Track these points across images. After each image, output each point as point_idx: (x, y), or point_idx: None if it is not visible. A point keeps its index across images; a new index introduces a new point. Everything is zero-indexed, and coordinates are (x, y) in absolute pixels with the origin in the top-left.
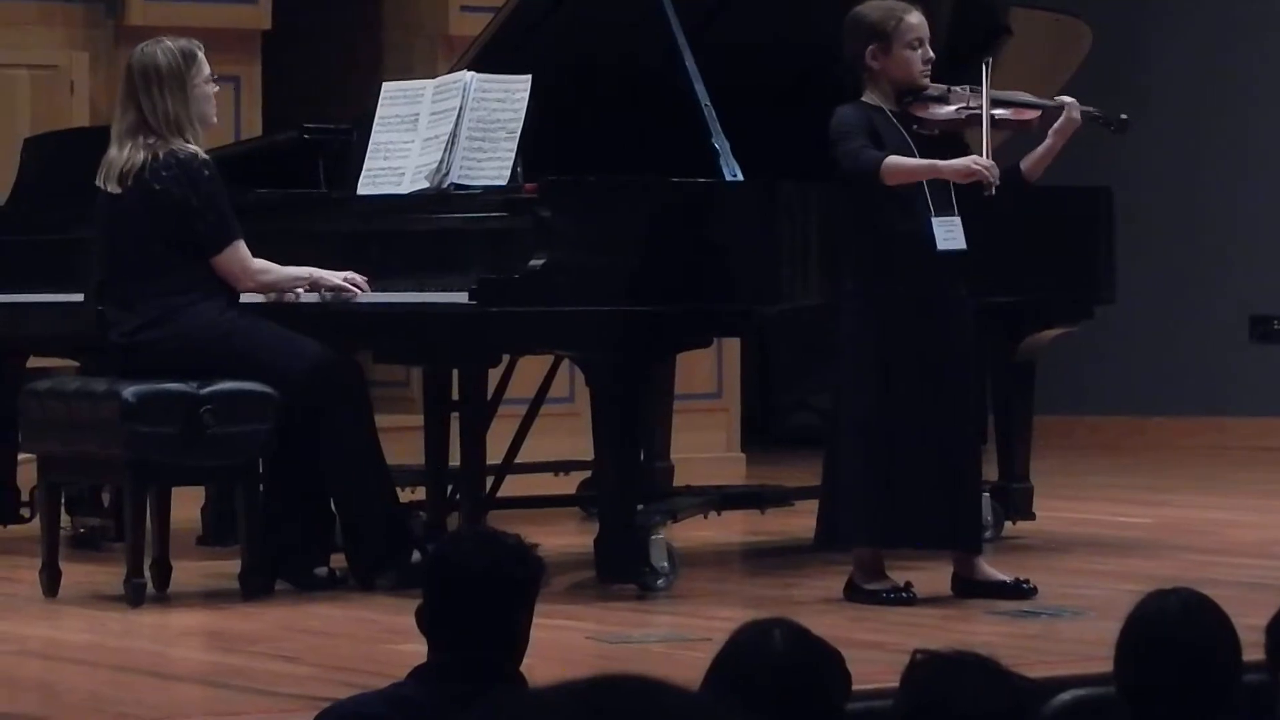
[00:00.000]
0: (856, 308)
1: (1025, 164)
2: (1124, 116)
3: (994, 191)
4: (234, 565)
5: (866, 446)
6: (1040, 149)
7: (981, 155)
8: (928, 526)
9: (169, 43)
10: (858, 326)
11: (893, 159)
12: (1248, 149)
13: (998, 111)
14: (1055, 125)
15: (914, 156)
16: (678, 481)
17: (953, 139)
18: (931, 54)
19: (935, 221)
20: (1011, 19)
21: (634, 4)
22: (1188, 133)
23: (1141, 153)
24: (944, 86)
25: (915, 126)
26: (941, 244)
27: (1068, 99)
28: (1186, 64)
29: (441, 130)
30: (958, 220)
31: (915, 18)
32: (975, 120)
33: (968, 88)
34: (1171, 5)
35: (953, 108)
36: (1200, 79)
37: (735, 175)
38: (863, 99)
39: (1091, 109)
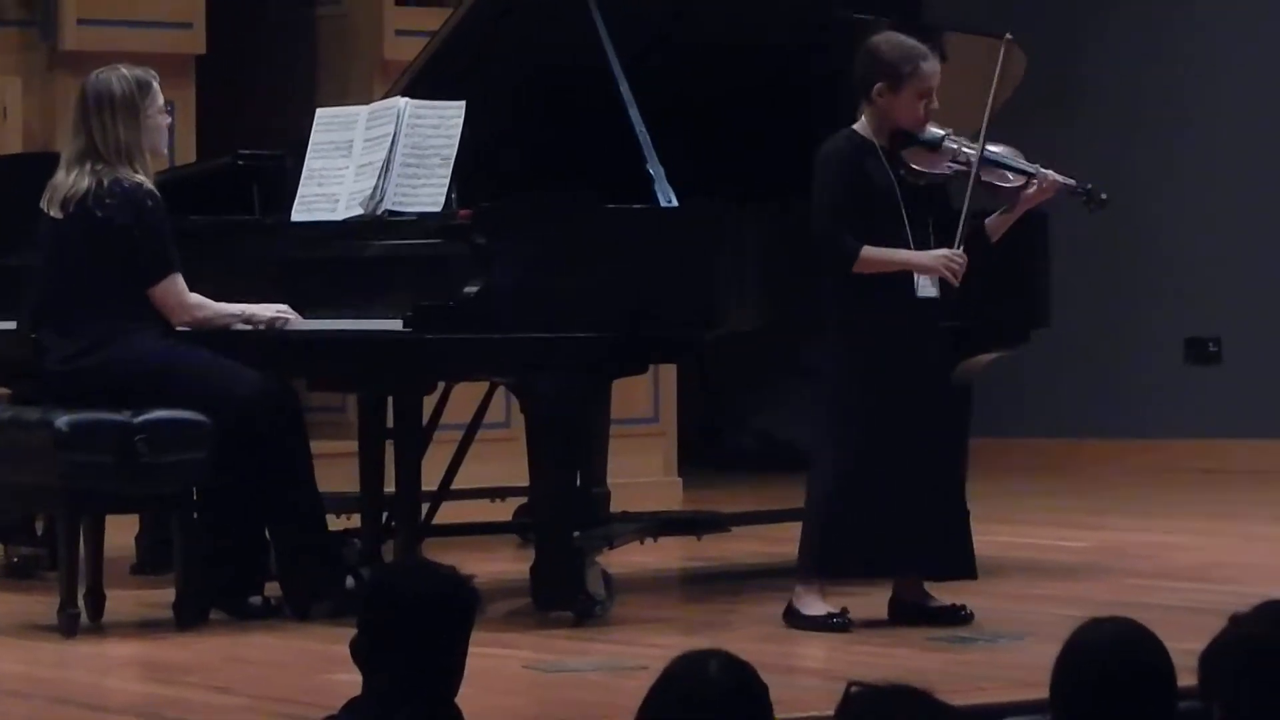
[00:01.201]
0: (839, 346)
1: (990, 223)
2: (1104, 195)
3: (957, 285)
4: (169, 594)
5: (862, 479)
6: (1005, 214)
7: (964, 207)
8: (922, 555)
9: (124, 70)
10: (842, 364)
11: (868, 253)
12: (1180, 172)
13: (987, 174)
14: (1028, 193)
15: (897, 199)
16: (615, 507)
17: (940, 193)
18: (936, 104)
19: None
20: (948, 43)
21: (569, 30)
22: (1120, 157)
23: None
24: (939, 132)
25: (903, 172)
26: (921, 290)
27: (1048, 172)
28: (1118, 87)
29: (376, 157)
30: None
31: (931, 66)
32: (963, 177)
33: (964, 139)
34: (1103, 29)
35: (944, 162)
36: (1131, 102)
37: (670, 201)
38: (855, 127)
39: (1072, 181)
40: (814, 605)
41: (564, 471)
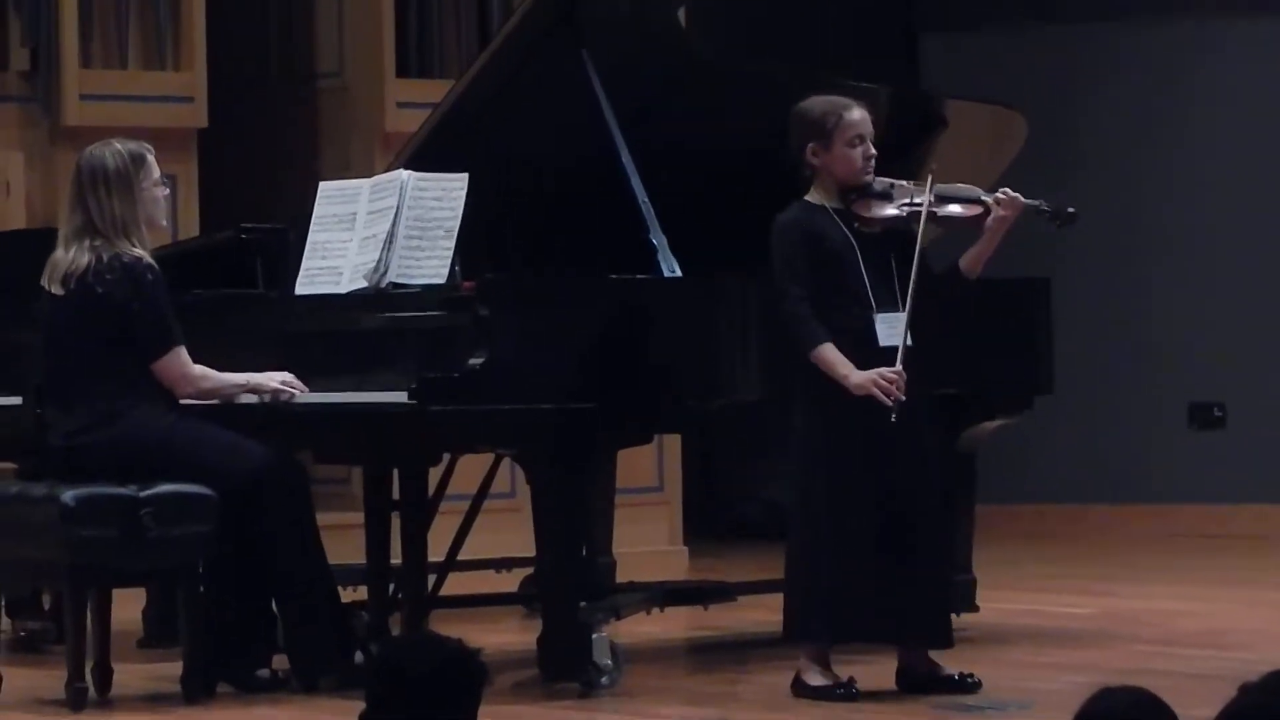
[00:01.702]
0: (805, 405)
1: (963, 262)
2: (1071, 210)
3: (894, 408)
4: (176, 667)
5: (827, 542)
6: (977, 246)
7: (916, 248)
8: (894, 621)
9: (118, 144)
10: (807, 424)
11: (822, 353)
12: (1180, 239)
13: (941, 209)
14: (991, 220)
15: (856, 255)
16: (620, 577)
17: (898, 234)
18: (873, 150)
19: (878, 318)
20: (948, 111)
21: (571, 102)
22: (1122, 223)
23: (1077, 243)
24: (888, 181)
25: (857, 225)
26: (883, 340)
27: (1008, 193)
28: (1119, 156)
29: (379, 229)
30: (901, 316)
31: (857, 114)
32: (917, 218)
33: (911, 182)
34: (1100, 96)
35: (895, 206)
36: (1132, 170)
37: (673, 271)
38: (806, 198)
39: (1037, 202)
40: (816, 675)
41: (569, 542)
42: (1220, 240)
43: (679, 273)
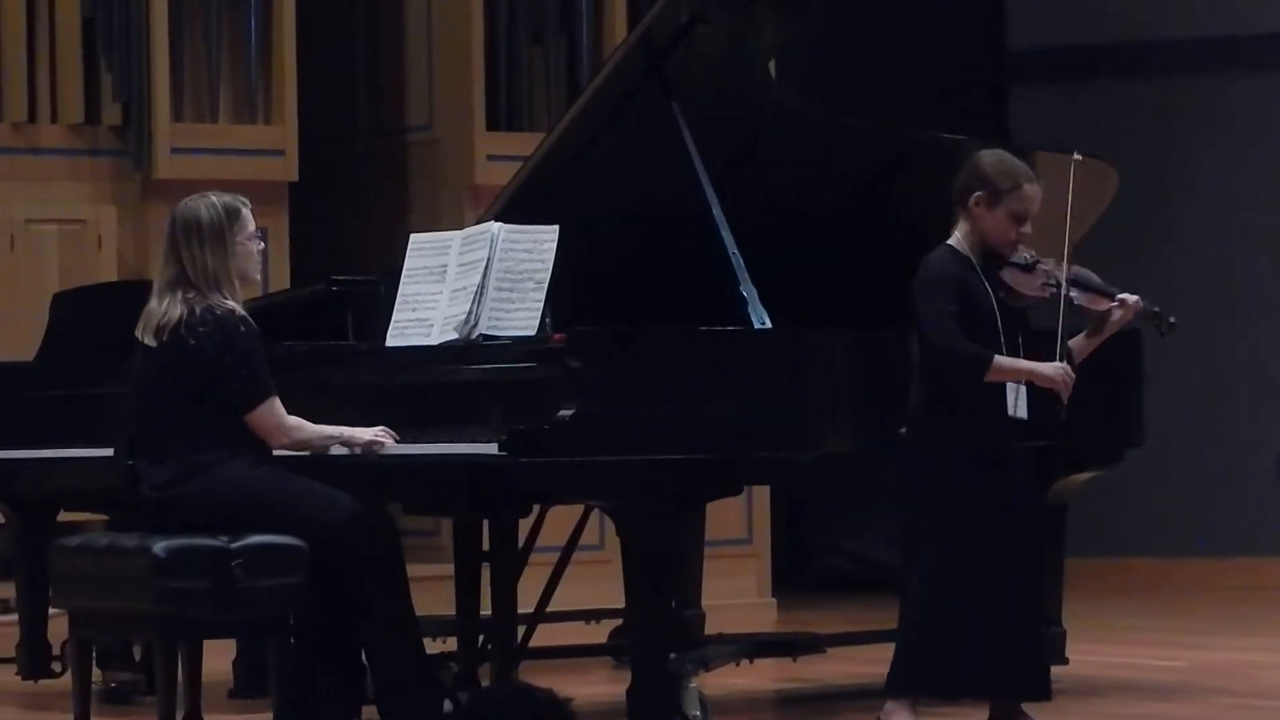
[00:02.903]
0: (932, 469)
1: (1075, 344)
2: (1173, 320)
3: (1064, 405)
4: (266, 718)
5: (943, 601)
6: (1091, 339)
7: (1059, 335)
8: (998, 676)
9: (213, 198)
10: (934, 487)
11: (1000, 361)
12: (1271, 292)
13: (1075, 295)
14: (1114, 318)
15: (996, 317)
16: (709, 628)
17: (1032, 309)
18: (1029, 230)
19: (1009, 387)
20: (1039, 163)
21: (661, 154)
22: (1213, 276)
23: (1166, 295)
24: (1031, 255)
25: (1002, 295)
26: (1012, 410)
27: (1132, 297)
28: (1207, 209)
29: (470, 281)
30: (1024, 389)
31: (1033, 190)
32: (1055, 299)
33: (1052, 261)
34: (1193, 145)
35: (1038, 284)
36: (1220, 224)
37: (763, 323)
38: (950, 242)
39: (1150, 305)
40: None
41: (659, 594)
42: None
43: (769, 324)
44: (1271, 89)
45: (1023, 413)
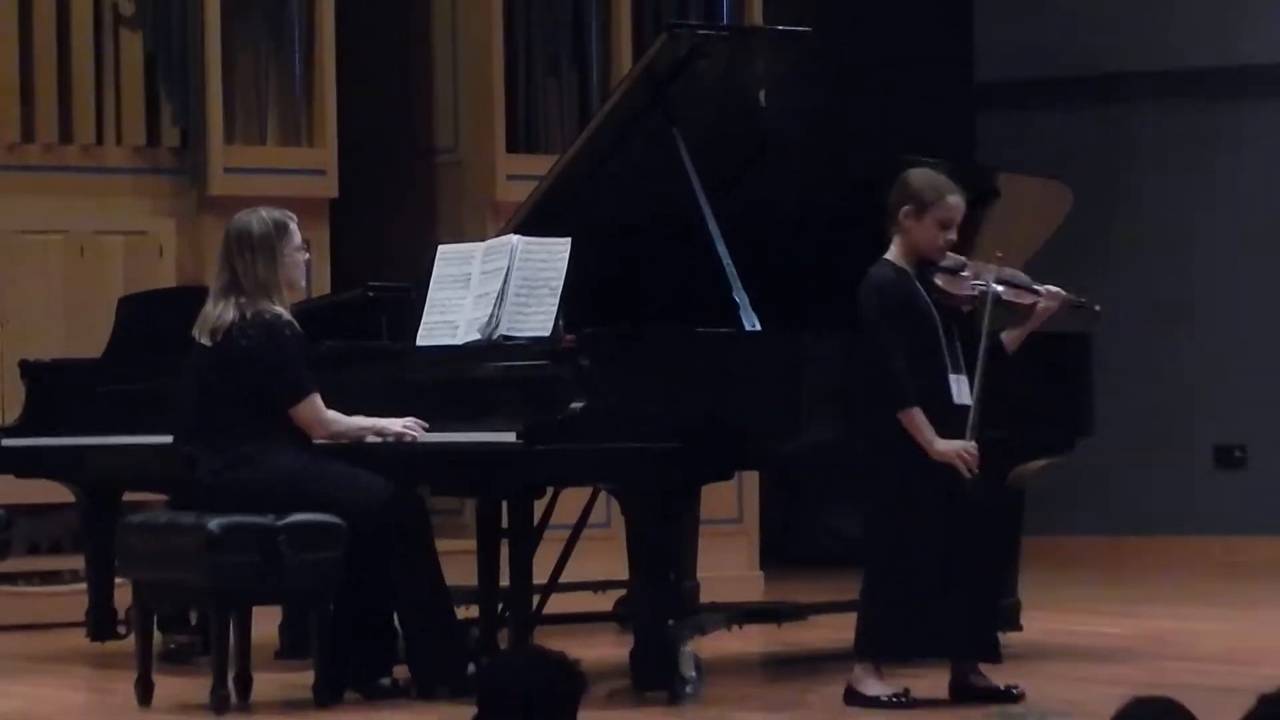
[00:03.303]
0: (886, 445)
1: (1006, 338)
2: (1097, 308)
3: (972, 481)
4: (308, 677)
5: (903, 569)
6: (1021, 329)
7: (983, 329)
8: (954, 639)
9: (264, 212)
10: (887, 462)
11: (913, 415)
12: (1207, 301)
13: (1004, 292)
14: (1039, 308)
15: (936, 320)
16: (703, 598)
17: (956, 308)
18: (954, 237)
19: (952, 378)
20: (1000, 183)
21: (663, 173)
22: (1155, 287)
23: (1117, 302)
24: (960, 259)
25: (935, 296)
26: (955, 398)
27: (1054, 288)
28: (1152, 226)
29: (491, 287)
30: (965, 378)
31: (955, 200)
32: (985, 299)
33: (978, 264)
34: (1135, 171)
35: (968, 285)
36: (1162, 237)
37: (754, 326)
38: (888, 257)
39: (1074, 296)
40: (872, 686)
41: (659, 567)
42: (1242, 301)
43: (759, 327)
44: (1214, 118)
45: (966, 399)
